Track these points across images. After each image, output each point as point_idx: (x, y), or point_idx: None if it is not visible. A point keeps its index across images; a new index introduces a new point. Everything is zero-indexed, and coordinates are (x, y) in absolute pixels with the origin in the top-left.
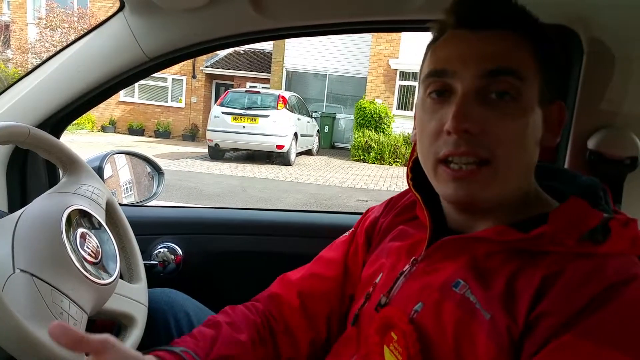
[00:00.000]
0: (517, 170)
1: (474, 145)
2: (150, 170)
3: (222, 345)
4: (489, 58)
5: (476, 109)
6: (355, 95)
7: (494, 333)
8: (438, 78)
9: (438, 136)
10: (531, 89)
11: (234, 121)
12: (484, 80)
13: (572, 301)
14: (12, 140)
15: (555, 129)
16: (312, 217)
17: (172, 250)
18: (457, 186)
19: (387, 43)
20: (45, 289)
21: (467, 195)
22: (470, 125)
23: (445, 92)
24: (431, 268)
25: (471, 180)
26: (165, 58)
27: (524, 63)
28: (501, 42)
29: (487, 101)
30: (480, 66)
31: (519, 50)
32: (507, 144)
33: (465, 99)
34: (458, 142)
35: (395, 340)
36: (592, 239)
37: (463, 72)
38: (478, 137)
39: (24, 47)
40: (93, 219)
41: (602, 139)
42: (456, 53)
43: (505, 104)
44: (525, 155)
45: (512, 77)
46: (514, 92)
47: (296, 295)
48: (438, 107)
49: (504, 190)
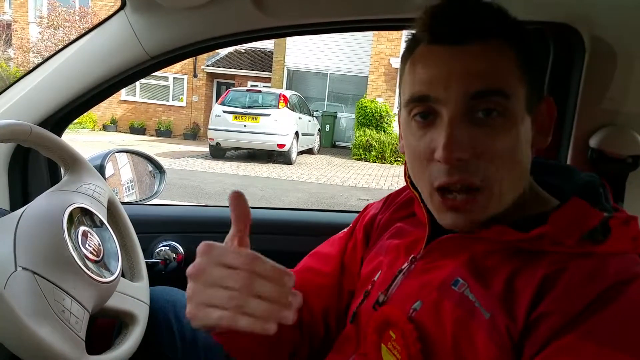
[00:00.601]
0: (513, 186)
1: (467, 172)
2: (152, 168)
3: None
4: (473, 78)
5: (465, 132)
6: (356, 94)
7: (494, 332)
8: (420, 103)
9: (428, 162)
10: (518, 102)
11: (235, 120)
12: (470, 101)
13: (574, 301)
14: (14, 138)
15: (545, 128)
16: (313, 215)
17: (174, 249)
18: (454, 215)
19: (388, 42)
20: (47, 287)
21: (465, 223)
22: (462, 152)
23: (430, 114)
24: (430, 266)
25: (467, 210)
26: (167, 56)
27: (510, 78)
28: (484, 58)
29: (475, 121)
30: (465, 88)
31: (502, 64)
32: (500, 162)
33: (453, 124)
34: (451, 171)
35: (394, 339)
36: (592, 239)
37: (447, 97)
38: (470, 161)
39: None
40: (95, 217)
41: (604, 138)
42: (436, 75)
43: (492, 121)
44: (518, 167)
45: (498, 96)
46: (500, 109)
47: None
48: (425, 131)
49: (502, 207)
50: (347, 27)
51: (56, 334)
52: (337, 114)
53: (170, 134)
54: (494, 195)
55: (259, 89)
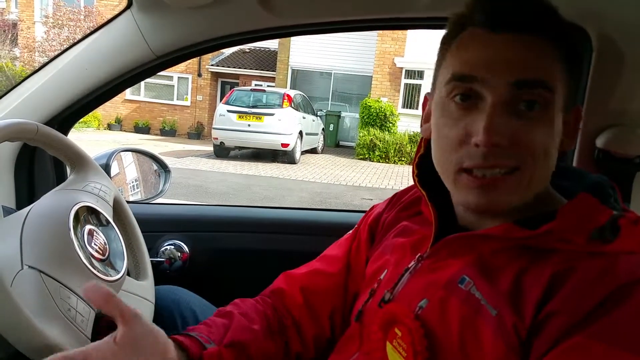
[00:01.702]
0: (541, 178)
1: (503, 157)
2: (157, 167)
3: (235, 332)
4: (519, 67)
5: (506, 120)
6: (360, 94)
7: (501, 330)
8: (463, 83)
9: (461, 145)
10: (558, 98)
11: (239, 119)
12: (514, 90)
13: (583, 301)
14: (21, 137)
15: (573, 133)
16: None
17: (179, 248)
18: (480, 193)
19: (392, 41)
20: (53, 286)
21: (489, 202)
22: (501, 138)
23: (471, 97)
24: (437, 265)
25: (496, 187)
26: (173, 56)
27: (553, 73)
28: (531, 49)
29: (516, 111)
30: (510, 75)
31: (548, 59)
32: (535, 153)
33: (495, 111)
34: (487, 155)
35: (400, 337)
36: (602, 238)
37: (492, 81)
38: (506, 149)
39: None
40: (101, 216)
41: (610, 138)
42: (484, 58)
43: (533, 114)
44: (549, 163)
45: (542, 89)
46: (542, 102)
47: (299, 292)
48: (463, 114)
49: (526, 197)
50: (353, 27)
51: (62, 332)
52: (341, 113)
53: (174, 133)
54: (524, 181)
55: (263, 89)
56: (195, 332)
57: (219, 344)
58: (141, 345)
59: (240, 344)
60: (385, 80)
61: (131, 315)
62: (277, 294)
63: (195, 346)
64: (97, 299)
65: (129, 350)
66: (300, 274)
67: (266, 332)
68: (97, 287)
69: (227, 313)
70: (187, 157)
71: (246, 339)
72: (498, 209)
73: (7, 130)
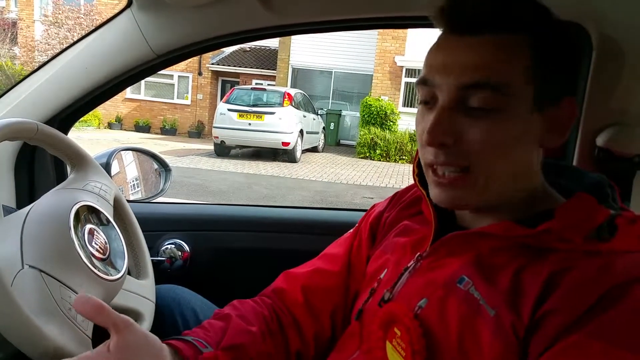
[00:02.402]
0: (500, 177)
1: (452, 155)
2: (157, 166)
3: (232, 335)
4: (467, 70)
5: (453, 119)
6: (361, 93)
7: (499, 329)
8: (424, 86)
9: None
10: (519, 100)
11: (239, 118)
12: (462, 92)
13: (581, 300)
14: (20, 136)
15: (561, 128)
16: (318, 213)
17: (179, 247)
18: (440, 192)
19: (393, 40)
20: (53, 285)
21: (449, 201)
22: (445, 137)
23: (431, 100)
24: (436, 264)
25: (453, 187)
26: (173, 55)
27: (512, 74)
28: (485, 51)
29: (467, 111)
30: (459, 79)
31: (507, 59)
32: (485, 152)
33: (443, 111)
34: (436, 152)
35: (399, 336)
36: (599, 236)
37: (443, 84)
38: (455, 147)
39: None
40: (101, 215)
41: (611, 137)
42: (440, 61)
43: (482, 113)
44: (510, 162)
45: (488, 90)
46: (493, 103)
47: (300, 290)
48: (425, 115)
49: (488, 196)
50: (353, 25)
51: (63, 332)
52: (341, 112)
53: (175, 132)
54: (480, 180)
55: (264, 87)
56: (191, 336)
57: (216, 347)
58: (135, 353)
59: (238, 347)
60: (386, 78)
61: (124, 324)
62: (277, 293)
63: (191, 351)
64: (88, 312)
65: (123, 358)
66: (301, 272)
67: (265, 333)
68: (87, 299)
69: (225, 316)
70: (187, 156)
71: (244, 341)
72: (462, 207)
73: (7, 130)
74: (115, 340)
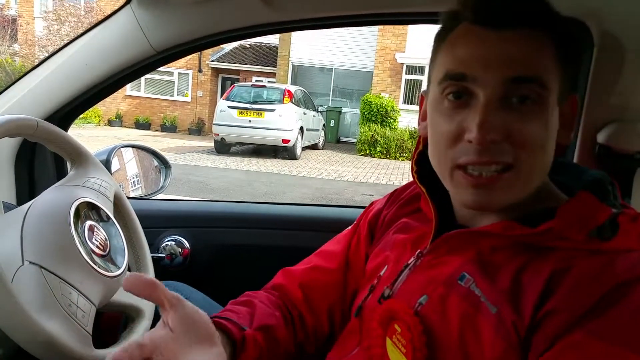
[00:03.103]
0: (538, 173)
1: (497, 153)
2: (157, 163)
3: (261, 317)
4: (512, 64)
5: (499, 115)
6: (361, 90)
7: (501, 327)
8: (457, 82)
9: (456, 141)
10: (553, 92)
11: (240, 115)
12: (507, 86)
13: (582, 299)
14: (21, 132)
15: (569, 124)
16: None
17: (180, 244)
18: (477, 193)
19: (393, 37)
20: (53, 281)
21: (487, 202)
22: (495, 134)
23: (464, 95)
24: (436, 261)
25: (493, 187)
26: (173, 51)
27: (547, 69)
28: (524, 45)
29: (509, 106)
30: (503, 73)
31: (542, 53)
32: (530, 147)
33: (489, 107)
34: (481, 151)
35: (399, 333)
36: (600, 235)
37: (485, 78)
38: (501, 144)
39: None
40: (101, 211)
41: (611, 133)
42: (477, 56)
43: (526, 107)
44: (546, 157)
45: (536, 84)
46: (535, 97)
47: (298, 287)
48: (457, 111)
49: (525, 193)
50: (354, 22)
51: (63, 328)
52: (342, 109)
53: (175, 129)
54: (522, 176)
55: (264, 84)
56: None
57: (250, 327)
58: (192, 326)
59: (268, 328)
60: (386, 75)
61: (176, 299)
62: (278, 289)
63: (235, 328)
64: (140, 290)
65: (186, 333)
66: (299, 270)
67: (284, 319)
68: (137, 276)
69: (247, 302)
70: (187, 153)
71: (272, 323)
72: (496, 207)
73: (7, 126)
74: (172, 316)
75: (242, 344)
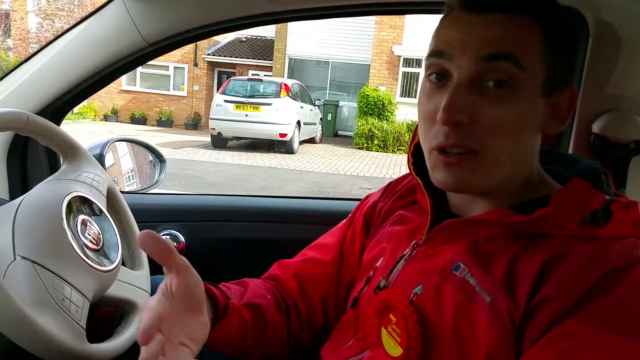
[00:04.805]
0: (508, 159)
1: (464, 136)
2: (152, 157)
3: (251, 295)
4: (488, 43)
5: (469, 98)
6: (358, 83)
7: (495, 316)
8: (437, 59)
9: (433, 122)
10: (533, 79)
11: (236, 109)
12: (481, 66)
13: (575, 286)
14: (11, 127)
15: (562, 115)
16: (314, 203)
17: (175, 238)
18: (446, 172)
19: (390, 29)
20: (46, 276)
21: (455, 181)
22: (461, 116)
23: (444, 77)
24: (432, 251)
25: (461, 166)
26: (165, 43)
27: (529, 50)
28: (505, 27)
29: (482, 90)
30: (479, 50)
31: (525, 35)
32: (498, 133)
33: (459, 88)
34: (448, 133)
35: (394, 322)
36: (594, 222)
37: (460, 57)
38: (468, 127)
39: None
40: (94, 205)
41: (607, 123)
42: (457, 36)
43: (500, 92)
44: (519, 145)
45: (510, 63)
46: (511, 82)
47: (293, 277)
48: (436, 92)
49: (494, 178)
50: (350, 12)
51: (56, 323)
52: (339, 102)
53: (171, 123)
54: (487, 162)
55: (260, 78)
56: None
57: (238, 301)
58: (192, 292)
59: (257, 306)
60: (384, 68)
61: (184, 266)
62: (273, 279)
63: (222, 296)
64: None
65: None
66: (294, 262)
67: (276, 304)
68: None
69: (240, 282)
70: (184, 148)
71: (262, 303)
72: (466, 189)
73: None
74: (177, 283)
75: (224, 311)
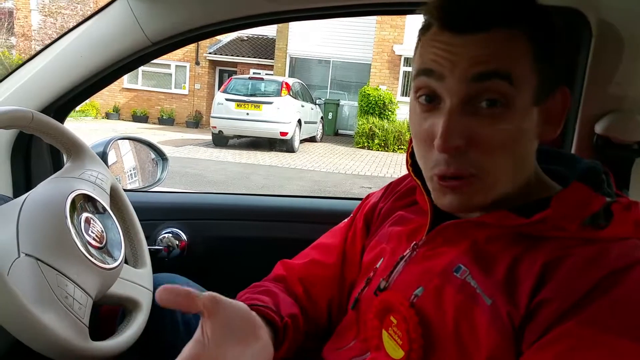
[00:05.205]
0: (506, 176)
1: (462, 162)
2: (154, 156)
3: (286, 306)
4: (476, 62)
5: (463, 120)
6: (359, 82)
7: (496, 318)
8: (426, 78)
9: (429, 146)
10: (525, 91)
11: (237, 108)
12: (471, 86)
13: (575, 288)
14: (16, 124)
15: (556, 119)
16: (315, 202)
17: (177, 236)
18: (450, 197)
19: (391, 29)
20: (50, 273)
21: (458, 204)
22: (458, 141)
23: (435, 99)
24: (432, 253)
25: (462, 191)
26: (168, 42)
27: (517, 63)
28: (490, 44)
29: (475, 110)
30: (468, 70)
31: (511, 48)
32: (495, 153)
33: (453, 113)
34: (448, 160)
35: (395, 324)
36: (594, 224)
37: (450, 77)
38: (467, 153)
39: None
40: (97, 203)
41: (609, 124)
42: (443, 55)
43: (494, 111)
44: (517, 159)
45: (500, 80)
46: (504, 100)
47: (298, 282)
48: (427, 115)
49: (495, 194)
50: (351, 12)
51: (59, 320)
52: (340, 101)
53: (172, 122)
54: (487, 184)
55: (262, 77)
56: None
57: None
58: (235, 326)
59: (294, 316)
60: (384, 68)
61: (212, 303)
62: (281, 281)
63: (276, 316)
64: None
65: (227, 336)
66: (298, 264)
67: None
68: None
69: (265, 291)
70: (185, 146)
71: (296, 312)
72: (468, 209)
73: (2, 118)
74: (209, 324)
75: (284, 332)
